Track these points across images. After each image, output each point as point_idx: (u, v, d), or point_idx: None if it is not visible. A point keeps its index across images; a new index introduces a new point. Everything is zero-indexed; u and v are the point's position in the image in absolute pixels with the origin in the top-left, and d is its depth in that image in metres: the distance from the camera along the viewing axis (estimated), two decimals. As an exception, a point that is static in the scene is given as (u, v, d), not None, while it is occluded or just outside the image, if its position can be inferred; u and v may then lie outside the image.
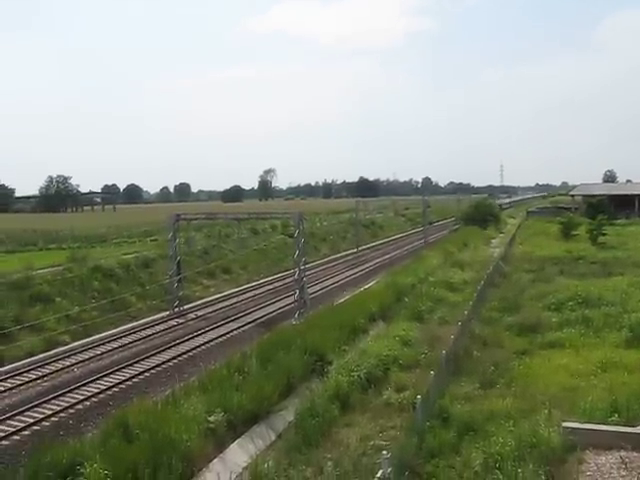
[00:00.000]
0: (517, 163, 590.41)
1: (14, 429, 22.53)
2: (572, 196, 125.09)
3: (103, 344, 34.71)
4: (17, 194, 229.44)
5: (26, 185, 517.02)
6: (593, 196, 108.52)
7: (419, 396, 19.62)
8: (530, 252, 63.39)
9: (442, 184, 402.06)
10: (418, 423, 19.13)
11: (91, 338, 36.28)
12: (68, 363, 31.13)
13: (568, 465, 16.67)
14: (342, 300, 43.45)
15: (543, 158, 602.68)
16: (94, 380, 28.12)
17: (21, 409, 24.44)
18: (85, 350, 33.47)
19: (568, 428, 17.95)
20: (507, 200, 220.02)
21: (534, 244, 72.15)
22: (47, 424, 23.30)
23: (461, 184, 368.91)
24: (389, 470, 13.97)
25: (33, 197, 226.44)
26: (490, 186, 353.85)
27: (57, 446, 18.17)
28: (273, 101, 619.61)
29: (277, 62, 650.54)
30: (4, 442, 21.61)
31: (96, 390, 26.80)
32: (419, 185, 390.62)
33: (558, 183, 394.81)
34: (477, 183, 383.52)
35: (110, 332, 37.65)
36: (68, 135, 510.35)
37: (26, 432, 22.47)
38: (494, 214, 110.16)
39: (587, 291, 38.58)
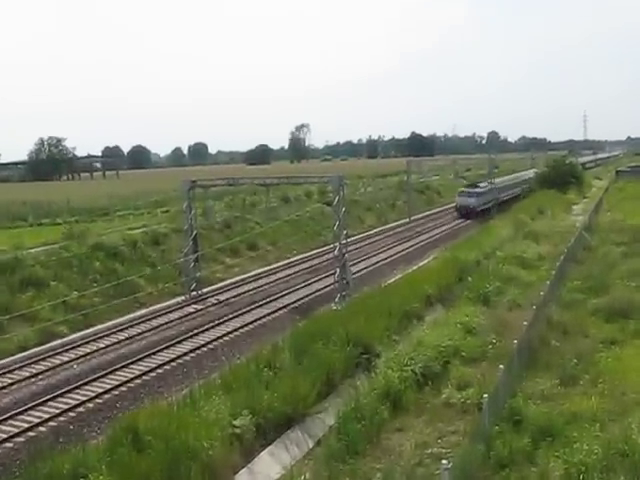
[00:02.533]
0: (604, 112, 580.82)
1: (6, 435, 23.06)
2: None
3: (107, 336, 35.22)
4: (2, 160, 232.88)
5: (13, 150, 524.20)
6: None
7: (486, 395, 19.60)
8: (621, 220, 62.54)
9: (512, 139, 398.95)
10: (485, 427, 19.14)
11: (93, 329, 36.83)
12: (66, 358, 31.68)
13: (668, 477, 16.57)
14: (392, 280, 43.46)
15: (637, 106, 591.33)
16: (97, 378, 28.59)
17: (13, 412, 24.98)
18: (86, 343, 34.01)
19: (668, 433, 17.80)
20: (592, 158, 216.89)
21: (625, 211, 71.09)
22: (44, 429, 23.80)
23: (535, 139, 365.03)
24: (450, 483, 14.03)
25: (21, 163, 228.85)
26: (571, 141, 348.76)
27: (57, 455, 18.54)
28: (307, 46, 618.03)
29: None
30: (-5, 451, 22.15)
31: (100, 390, 27.26)
32: (484, 141, 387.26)
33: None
34: (555, 137, 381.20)
35: (116, 321, 38.18)
36: (59, 90, 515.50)
37: (20, 439, 22.99)
38: (576, 175, 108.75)
39: (692, 267, 38.00)
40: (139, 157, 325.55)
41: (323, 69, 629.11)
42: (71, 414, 25.04)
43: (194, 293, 43.91)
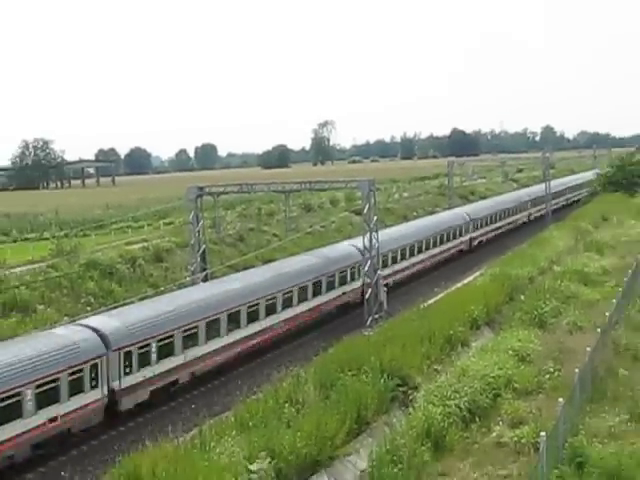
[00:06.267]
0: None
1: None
2: None
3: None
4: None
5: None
6: None
7: (543, 433, 19.47)
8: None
9: (570, 135, 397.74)
10: (542, 471, 19.00)
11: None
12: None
13: None
14: (433, 301, 43.34)
15: None
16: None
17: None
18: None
19: None
20: None
21: None
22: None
23: (597, 134, 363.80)
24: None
25: (3, 170, 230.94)
26: (638, 136, 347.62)
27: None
28: (331, 29, 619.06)
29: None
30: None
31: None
32: (537, 137, 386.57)
33: None
34: (620, 132, 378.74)
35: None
36: (46, 86, 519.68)
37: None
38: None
39: None
40: (138, 161, 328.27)
41: (348, 58, 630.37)
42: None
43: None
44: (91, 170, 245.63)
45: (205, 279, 44.22)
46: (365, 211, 42.60)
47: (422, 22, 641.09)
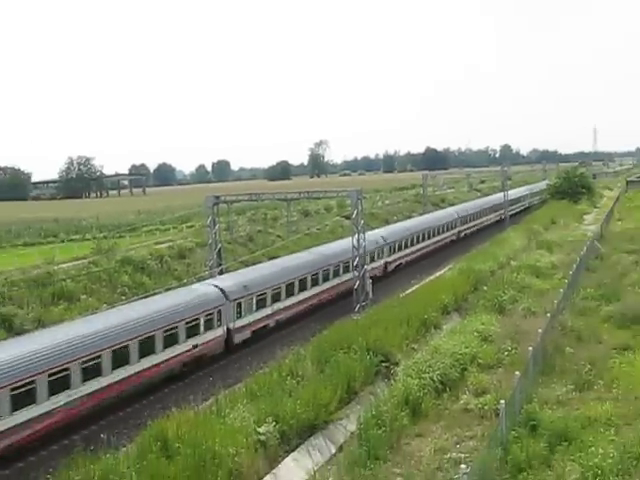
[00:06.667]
0: (613, 125, 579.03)
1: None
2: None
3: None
4: (34, 179, 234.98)
5: (44, 169, 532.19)
6: None
7: (503, 401, 19.49)
8: (632, 229, 62.14)
9: (524, 152, 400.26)
10: (502, 432, 19.02)
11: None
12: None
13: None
14: (410, 291, 43.37)
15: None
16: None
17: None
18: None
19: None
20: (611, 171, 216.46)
21: (636, 219, 70.70)
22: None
23: (546, 151, 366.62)
24: (469, 486, 13.94)
25: (52, 182, 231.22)
26: (581, 153, 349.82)
27: (89, 462, 18.52)
28: (324, 59, 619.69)
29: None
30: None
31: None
32: (497, 154, 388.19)
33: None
34: (565, 149, 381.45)
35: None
36: (89, 109, 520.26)
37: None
38: (587, 185, 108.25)
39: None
40: (165, 174, 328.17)
41: (340, 89, 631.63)
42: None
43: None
44: (125, 182, 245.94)
45: (220, 273, 43.99)
46: (354, 216, 42.61)
47: (402, 59, 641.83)
